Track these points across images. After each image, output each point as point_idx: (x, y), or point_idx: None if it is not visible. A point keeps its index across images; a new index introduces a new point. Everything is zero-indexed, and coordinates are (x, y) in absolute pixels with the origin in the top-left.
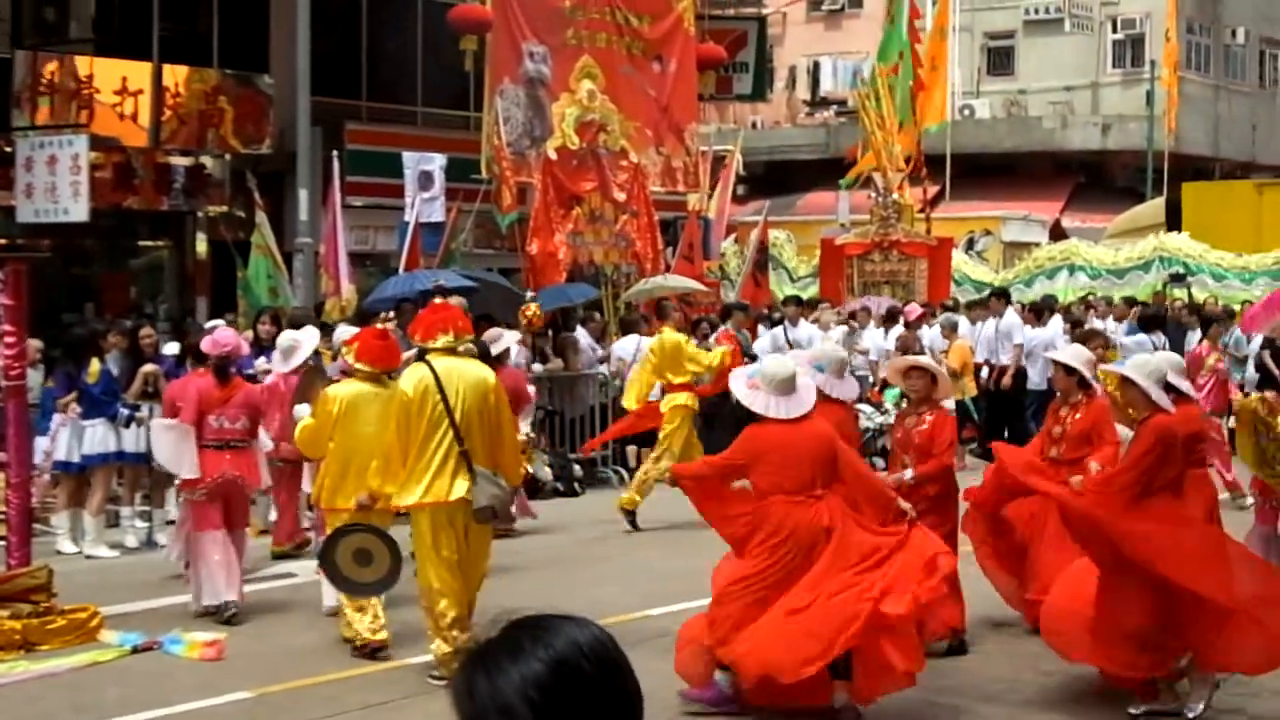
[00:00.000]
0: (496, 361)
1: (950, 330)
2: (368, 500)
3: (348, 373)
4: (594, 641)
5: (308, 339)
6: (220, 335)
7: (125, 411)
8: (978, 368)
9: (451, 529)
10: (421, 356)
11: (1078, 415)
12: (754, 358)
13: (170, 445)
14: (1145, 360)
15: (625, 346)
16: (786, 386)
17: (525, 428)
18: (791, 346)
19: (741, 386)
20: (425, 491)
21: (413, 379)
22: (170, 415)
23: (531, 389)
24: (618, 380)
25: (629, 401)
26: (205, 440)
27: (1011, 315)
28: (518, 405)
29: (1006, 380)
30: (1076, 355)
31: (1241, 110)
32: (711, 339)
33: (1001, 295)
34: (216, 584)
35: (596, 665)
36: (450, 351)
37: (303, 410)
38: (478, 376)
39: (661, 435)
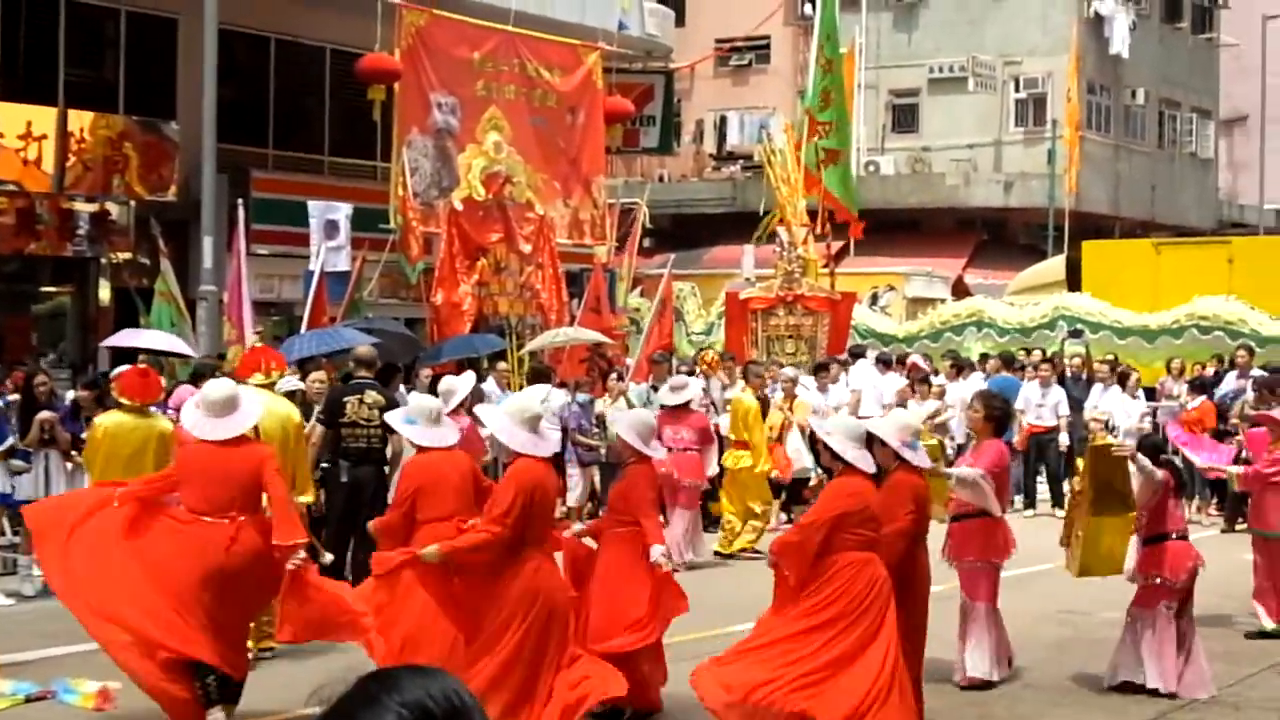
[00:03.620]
0: (683, 409)
1: (791, 384)
2: None
3: None
4: (444, 690)
5: (463, 384)
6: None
7: (19, 461)
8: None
9: None
10: None
11: None
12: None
13: None
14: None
15: (534, 395)
16: (220, 409)
17: (712, 468)
18: (713, 401)
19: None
20: None
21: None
22: None
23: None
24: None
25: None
26: None
27: (861, 369)
28: (705, 443)
29: None
30: (892, 423)
31: (1141, 170)
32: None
33: (853, 353)
34: None
35: (446, 713)
36: (267, 387)
37: None
38: (282, 412)
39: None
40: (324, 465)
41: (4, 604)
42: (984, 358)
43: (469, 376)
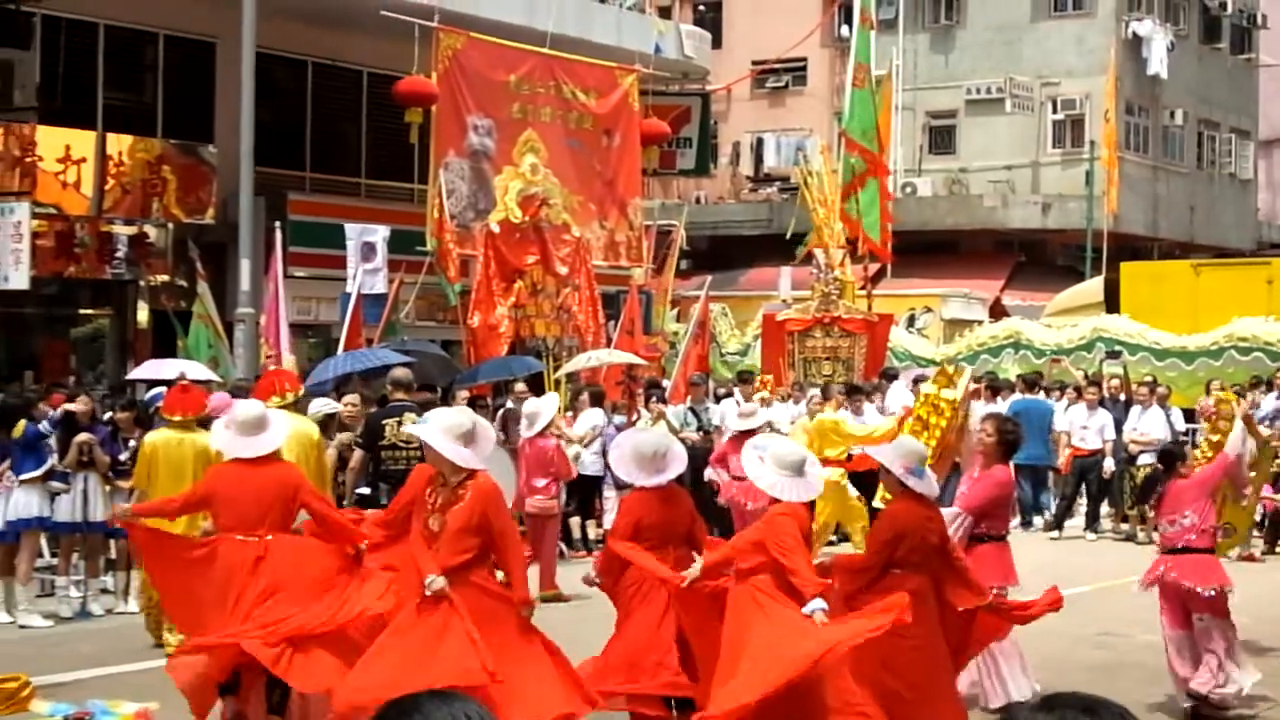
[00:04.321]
0: (750, 435)
1: (820, 405)
2: None
3: None
4: (466, 713)
5: (547, 407)
6: None
7: (57, 483)
8: None
9: None
10: None
11: None
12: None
13: None
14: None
15: (594, 417)
16: (250, 428)
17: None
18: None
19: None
20: None
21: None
22: None
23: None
24: (585, 446)
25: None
26: None
27: (896, 391)
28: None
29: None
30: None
31: (1179, 191)
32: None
33: (886, 375)
34: None
35: None
36: (286, 407)
37: None
38: (302, 430)
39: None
40: (363, 491)
41: (42, 625)
42: (1021, 379)
43: (552, 399)
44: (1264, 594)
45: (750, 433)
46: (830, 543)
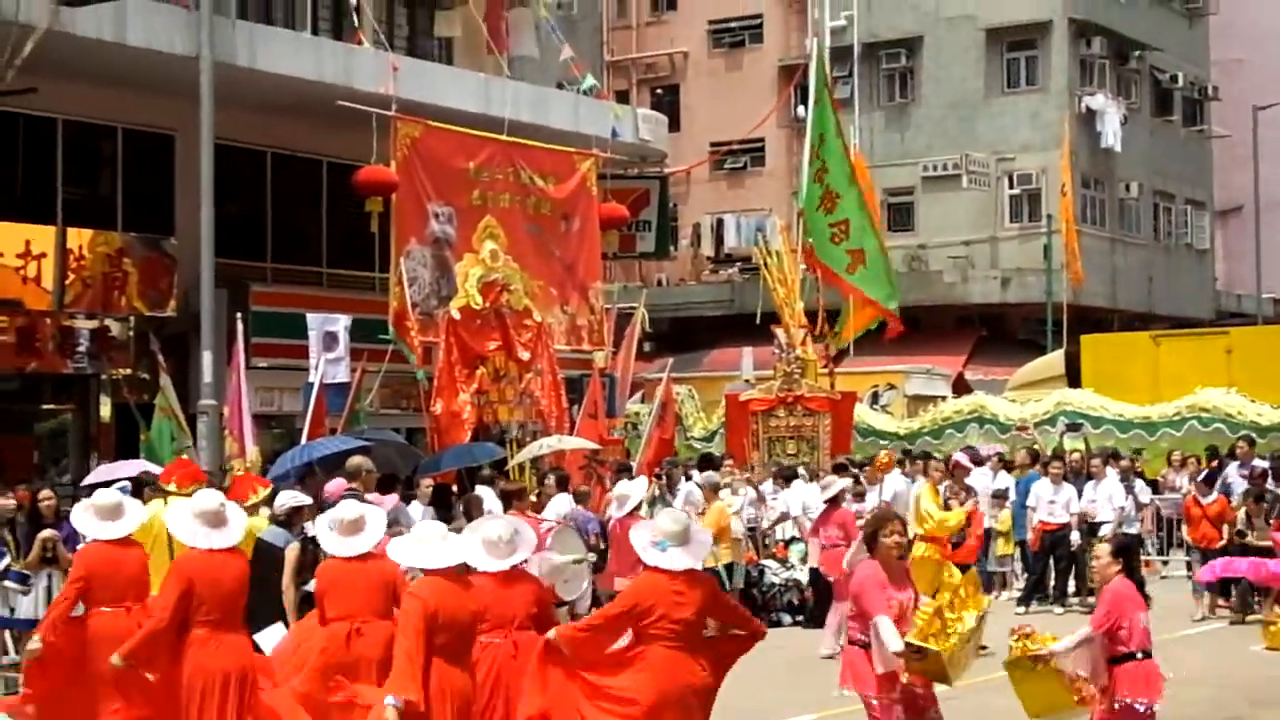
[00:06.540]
0: (831, 505)
1: (712, 491)
2: None
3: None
4: None
5: (637, 489)
6: None
7: (13, 583)
8: None
9: None
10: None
11: None
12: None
13: None
14: None
15: (556, 507)
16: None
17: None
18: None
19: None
20: None
21: (150, 512)
22: None
23: None
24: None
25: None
26: None
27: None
28: (851, 539)
29: None
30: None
31: (1137, 262)
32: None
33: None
34: None
35: None
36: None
37: None
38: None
39: None
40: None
41: None
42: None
43: (641, 482)
44: (1234, 663)
45: (831, 503)
46: None
